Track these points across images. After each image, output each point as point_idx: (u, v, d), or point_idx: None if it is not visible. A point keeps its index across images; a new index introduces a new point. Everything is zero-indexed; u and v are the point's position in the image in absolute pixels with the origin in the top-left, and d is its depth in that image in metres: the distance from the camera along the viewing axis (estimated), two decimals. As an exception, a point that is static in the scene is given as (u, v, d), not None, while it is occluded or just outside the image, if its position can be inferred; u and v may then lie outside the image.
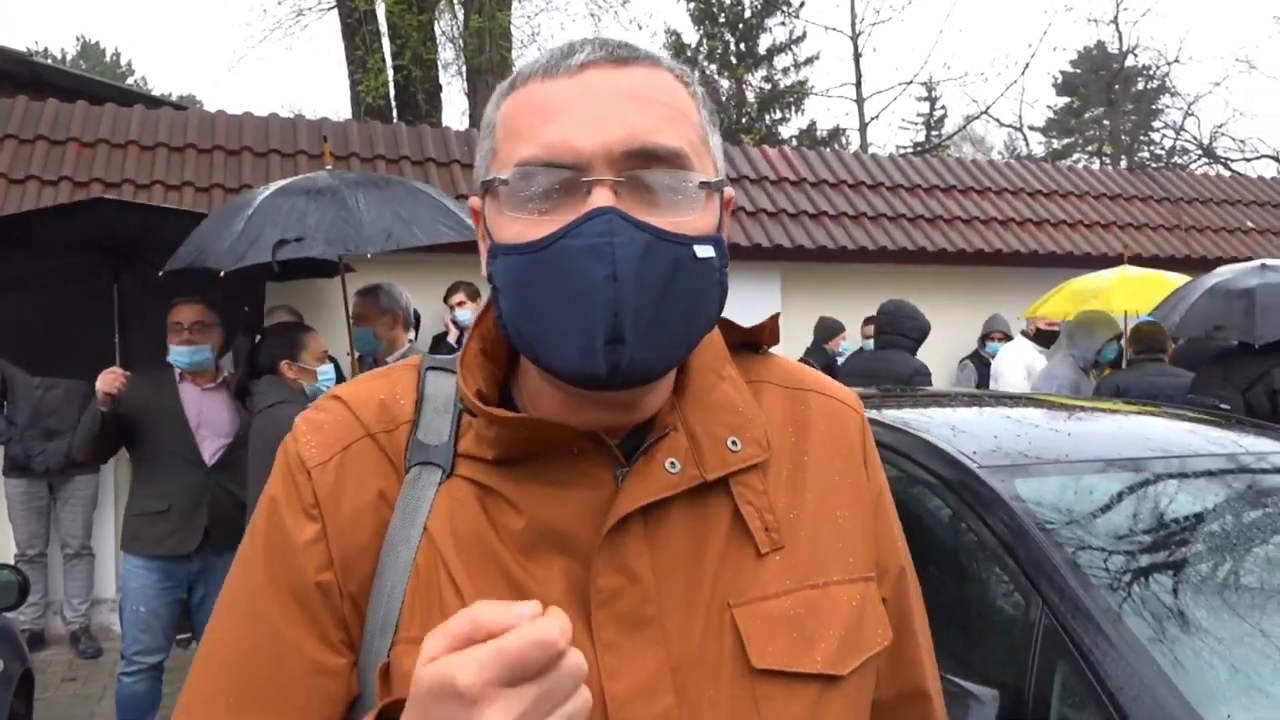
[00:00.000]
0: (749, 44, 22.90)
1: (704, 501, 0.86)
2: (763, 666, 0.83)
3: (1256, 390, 4.49)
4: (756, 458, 0.89)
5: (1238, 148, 21.05)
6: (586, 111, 0.79)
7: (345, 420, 0.89)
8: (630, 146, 0.78)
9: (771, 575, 0.86)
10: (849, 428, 0.97)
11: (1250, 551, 2.12)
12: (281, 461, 0.90)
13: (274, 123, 7.43)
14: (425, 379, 0.92)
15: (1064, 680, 1.69)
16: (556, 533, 0.83)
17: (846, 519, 0.92)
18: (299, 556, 0.85)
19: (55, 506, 5.73)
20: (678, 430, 0.87)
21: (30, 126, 6.64)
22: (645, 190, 0.79)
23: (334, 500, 0.86)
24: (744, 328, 0.99)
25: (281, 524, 0.87)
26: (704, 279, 0.82)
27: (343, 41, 12.98)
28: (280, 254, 3.74)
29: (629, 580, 0.82)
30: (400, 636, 0.82)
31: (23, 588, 3.16)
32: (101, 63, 35.70)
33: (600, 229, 0.76)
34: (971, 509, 2.05)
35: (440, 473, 0.86)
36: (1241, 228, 9.25)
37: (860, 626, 0.88)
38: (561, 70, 0.82)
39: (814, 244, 7.49)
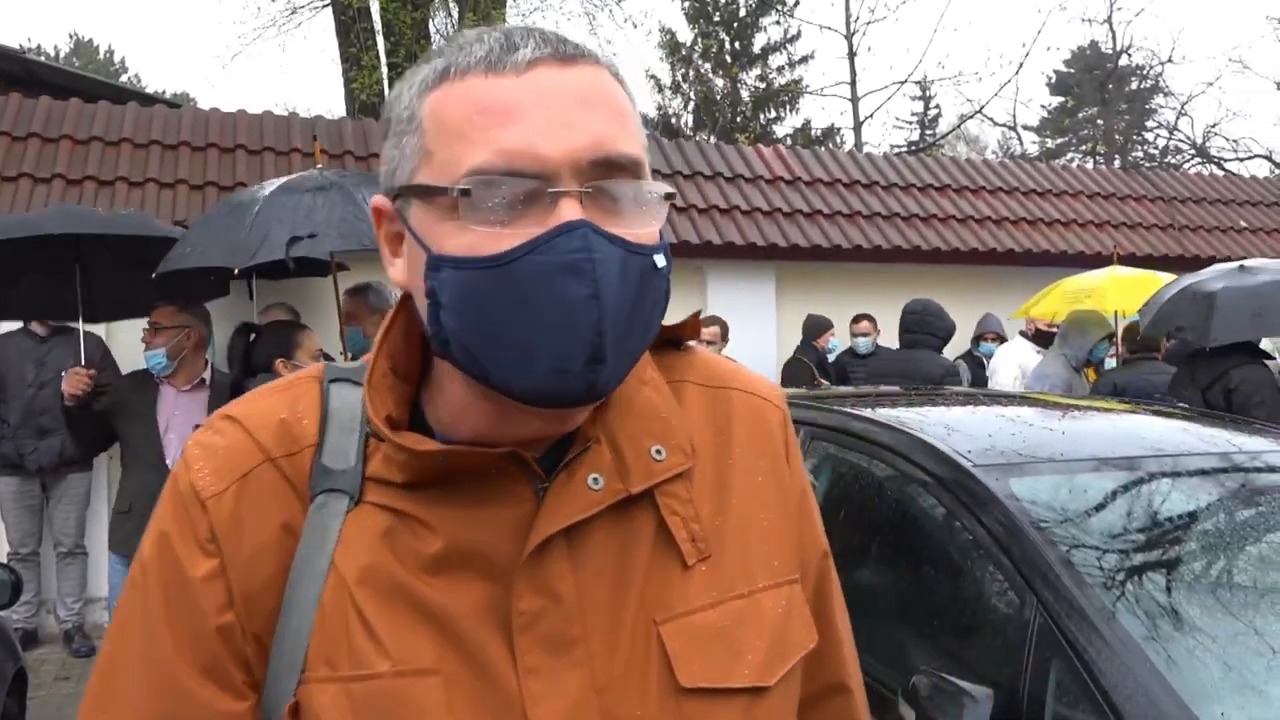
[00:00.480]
0: (744, 43, 22.90)
1: (628, 514, 0.82)
2: (690, 685, 0.80)
3: (1215, 390, 4.59)
4: (681, 466, 0.85)
5: (1231, 147, 21.14)
6: (546, 116, 0.73)
7: (242, 444, 0.82)
8: (596, 155, 0.74)
9: (698, 587, 0.83)
10: (771, 425, 0.94)
11: (1243, 550, 2.12)
12: (172, 491, 0.83)
13: (268, 121, 7.41)
14: (329, 393, 0.85)
15: (1058, 679, 1.70)
16: (475, 555, 0.78)
17: (771, 521, 0.89)
18: (196, 596, 0.79)
19: (48, 505, 5.71)
20: (600, 444, 0.82)
21: (23, 124, 6.61)
22: (610, 201, 0.75)
23: (233, 533, 0.79)
24: (667, 325, 0.93)
25: (176, 561, 0.80)
26: (660, 288, 0.78)
27: (336, 39, 12.97)
28: (294, 250, 3.74)
29: (551, 602, 0.78)
30: (308, 675, 0.77)
31: (15, 586, 3.14)
32: (94, 60, 35.58)
33: (576, 244, 0.72)
34: (966, 508, 2.05)
35: (348, 500, 0.80)
36: (1235, 227, 9.27)
37: (786, 632, 0.86)
38: (507, 67, 0.75)
39: (808, 243, 7.49)
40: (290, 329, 4.08)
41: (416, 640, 0.77)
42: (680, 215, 7.37)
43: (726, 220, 7.46)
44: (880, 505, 2.50)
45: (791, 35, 23.04)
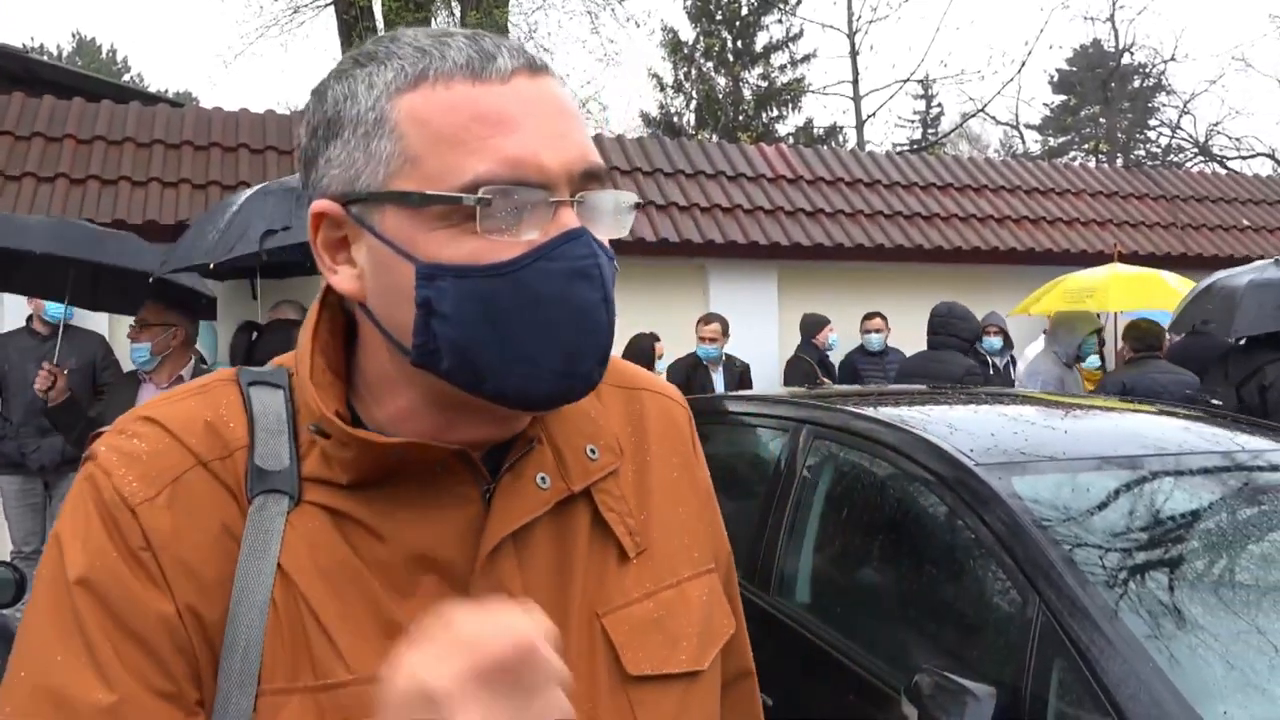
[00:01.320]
0: (746, 41, 22.89)
1: (566, 513, 0.84)
2: (637, 673, 0.82)
3: (1249, 386, 4.59)
4: (613, 465, 0.88)
5: (1233, 146, 21.11)
6: (539, 126, 0.74)
7: (169, 448, 0.77)
8: (584, 166, 0.76)
9: (632, 580, 0.85)
10: (680, 423, 0.97)
11: (1245, 549, 2.12)
12: (93, 500, 0.75)
13: (270, 119, 7.42)
14: (250, 395, 0.81)
15: (1061, 677, 1.70)
16: (424, 558, 0.77)
17: (690, 514, 0.93)
18: (138, 610, 0.73)
19: (51, 504, 5.72)
20: (543, 443, 0.83)
21: (26, 123, 6.62)
22: (591, 210, 0.77)
23: (170, 540, 0.74)
24: None
25: (111, 575, 0.73)
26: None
27: (339, 39, 12.97)
28: (268, 243, 3.79)
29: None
30: (265, 688, 0.73)
31: (19, 585, 3.13)
32: (97, 59, 35.62)
33: (583, 250, 0.74)
34: (969, 506, 2.05)
35: (288, 500, 0.77)
36: (1238, 225, 9.27)
37: (711, 619, 0.89)
38: (492, 75, 0.74)
39: (810, 241, 7.49)
40: (292, 328, 4.10)
41: (376, 646, 0.74)
42: (683, 214, 7.37)
43: (729, 219, 7.46)
44: (883, 504, 2.50)
45: (794, 34, 23.03)
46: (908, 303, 7.52)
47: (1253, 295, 4.65)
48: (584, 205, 0.77)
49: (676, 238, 7.08)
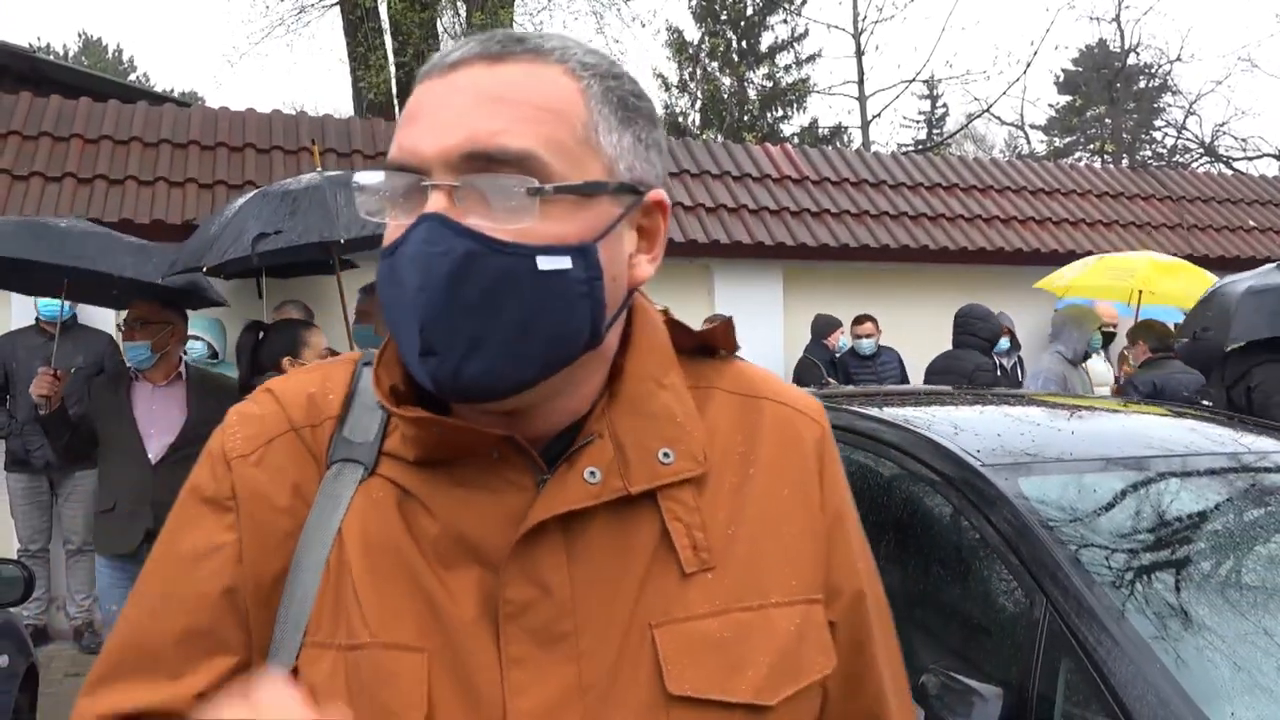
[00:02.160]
0: (751, 41, 22.88)
1: (630, 515, 0.81)
2: (678, 692, 0.78)
3: (1238, 387, 4.66)
4: (689, 472, 0.83)
5: (1239, 146, 21.05)
6: (438, 115, 0.77)
7: (273, 414, 0.87)
8: (467, 149, 0.75)
9: (699, 595, 0.81)
10: (804, 439, 0.91)
11: (1252, 550, 2.12)
12: (206, 453, 0.88)
13: (277, 120, 7.44)
14: (360, 374, 0.89)
15: (1068, 678, 1.70)
16: (470, 541, 0.79)
17: (793, 536, 0.86)
18: (211, 551, 0.84)
19: (57, 503, 5.74)
20: (603, 439, 0.82)
21: (34, 123, 6.64)
22: (479, 195, 0.75)
23: (251, 494, 0.84)
24: (696, 332, 0.93)
25: (199, 514, 0.85)
26: (554, 293, 0.76)
27: (345, 38, 12.97)
28: (260, 246, 3.80)
29: (541, 592, 0.78)
30: (308, 640, 0.80)
31: (28, 583, 3.15)
32: (103, 59, 35.68)
33: (421, 235, 0.74)
34: (975, 507, 2.05)
35: (362, 470, 0.83)
36: (1244, 226, 9.25)
37: (798, 653, 0.83)
38: (436, 71, 0.80)
39: (816, 242, 7.49)
40: (298, 328, 4.10)
41: (403, 616, 0.78)
42: (688, 214, 7.37)
43: (734, 219, 7.47)
44: (889, 505, 2.50)
45: (799, 34, 23.02)
46: (913, 303, 7.53)
47: (1248, 302, 4.70)
48: (470, 192, 0.75)
49: (682, 238, 7.08)
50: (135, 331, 3.91)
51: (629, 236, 0.83)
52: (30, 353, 5.50)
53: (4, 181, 6.17)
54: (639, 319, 0.88)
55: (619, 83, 0.82)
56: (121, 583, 3.88)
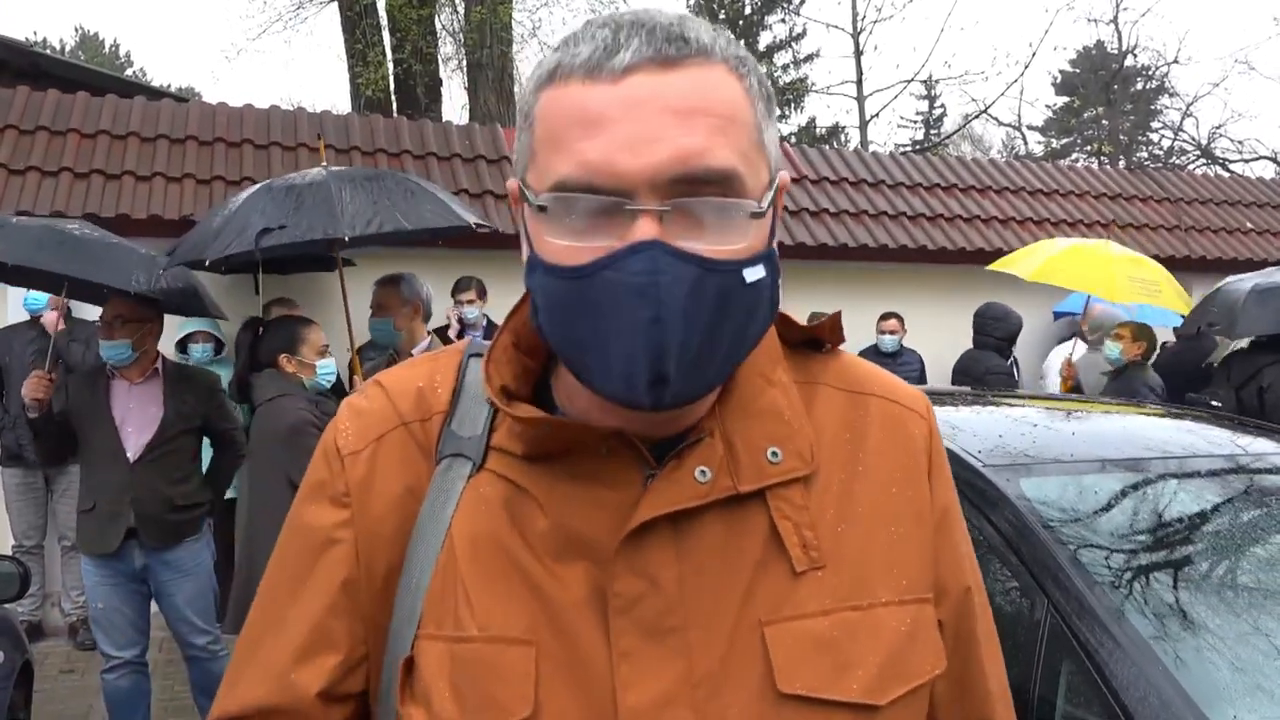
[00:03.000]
0: (749, 40, 22.89)
1: (739, 513, 0.81)
2: (789, 691, 0.77)
3: (1249, 388, 4.67)
4: (797, 471, 0.83)
5: (1236, 149, 21.09)
6: (631, 129, 0.72)
7: (383, 409, 0.88)
8: (678, 172, 0.72)
9: (809, 593, 0.81)
10: (913, 435, 0.90)
11: (1252, 551, 2.12)
12: (321, 448, 0.90)
13: (275, 115, 7.41)
14: (467, 367, 0.90)
15: (1069, 679, 1.70)
16: (579, 535, 0.79)
17: (902, 535, 0.86)
18: (329, 546, 0.86)
19: (52, 498, 5.72)
20: (714, 437, 0.82)
21: (31, 117, 6.62)
22: (693, 217, 0.74)
23: (364, 489, 0.85)
24: (803, 326, 0.92)
25: (316, 509, 0.87)
26: (755, 300, 0.77)
27: (342, 35, 12.95)
28: (263, 241, 3.78)
29: (650, 586, 0.78)
30: (422, 631, 0.81)
31: (24, 579, 3.15)
32: (100, 54, 35.58)
33: (644, 265, 0.71)
34: (976, 508, 2.05)
35: (471, 465, 0.84)
36: (1241, 229, 9.26)
37: (908, 653, 0.82)
38: (605, 73, 0.74)
39: (814, 241, 7.49)
40: (296, 324, 4.09)
41: (510, 609, 0.79)
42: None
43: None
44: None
45: (797, 34, 23.06)
46: (912, 303, 7.52)
47: (1256, 299, 4.73)
48: (681, 213, 0.73)
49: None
50: (115, 330, 3.87)
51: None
52: (25, 347, 5.48)
53: (0, 176, 6.15)
54: None
55: (761, 73, 0.81)
56: (106, 581, 3.86)
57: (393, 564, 0.84)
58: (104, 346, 3.90)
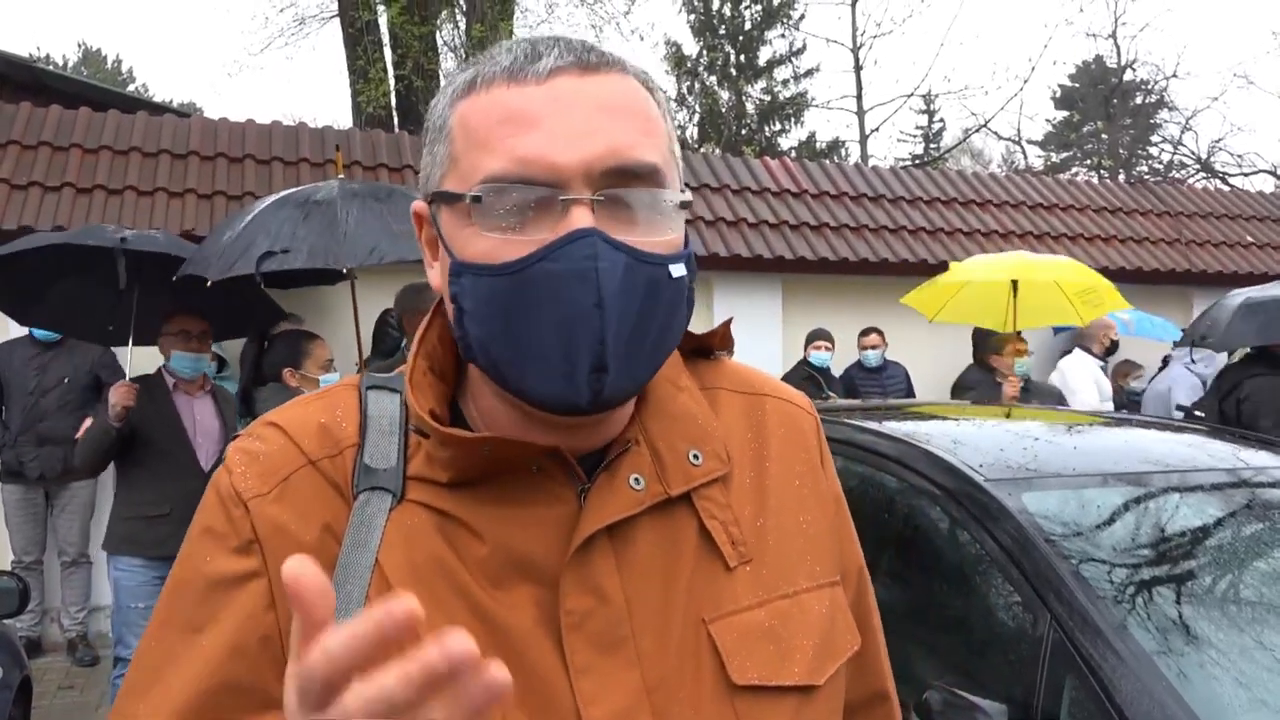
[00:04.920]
0: (749, 56, 22.97)
1: (670, 517, 0.83)
2: (743, 682, 0.80)
3: (1230, 399, 4.79)
4: (717, 471, 0.86)
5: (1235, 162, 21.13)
6: (562, 123, 0.74)
7: (283, 448, 0.83)
8: (610, 163, 0.74)
9: (743, 587, 0.83)
10: (805, 431, 0.95)
11: (1254, 565, 2.12)
12: (213, 495, 0.83)
13: (277, 130, 7.44)
14: (367, 399, 0.86)
15: (1072, 694, 1.69)
16: (521, 557, 0.79)
17: (810, 524, 0.90)
18: (239, 598, 0.79)
19: (52, 514, 5.71)
20: (640, 445, 0.84)
21: (33, 132, 6.64)
22: (624, 209, 0.76)
23: (276, 534, 0.79)
24: (696, 334, 0.95)
25: (217, 565, 0.80)
26: (677, 297, 0.79)
27: (344, 51, 13.01)
28: (265, 266, 3.79)
29: (599, 601, 0.78)
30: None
31: (23, 595, 3.14)
32: (102, 69, 35.73)
33: (584, 251, 0.72)
34: (978, 522, 2.05)
35: (391, 498, 0.80)
36: (1241, 242, 9.27)
37: (832, 633, 0.87)
38: (529, 76, 0.76)
39: (815, 255, 7.50)
40: (300, 338, 4.11)
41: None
42: (687, 227, 7.36)
43: (733, 232, 7.47)
44: (891, 519, 2.49)
45: (797, 48, 23.13)
46: (911, 317, 7.52)
47: (1243, 313, 4.86)
48: (612, 204, 0.75)
49: (681, 251, 7.08)
50: (195, 343, 4.10)
51: None
52: (24, 363, 5.49)
53: (3, 191, 6.16)
54: None
55: (666, 97, 0.85)
56: (154, 582, 4.03)
57: None
58: (184, 358, 4.10)
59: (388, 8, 12.45)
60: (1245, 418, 4.58)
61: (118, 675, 4.03)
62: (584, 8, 14.75)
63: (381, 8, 12.63)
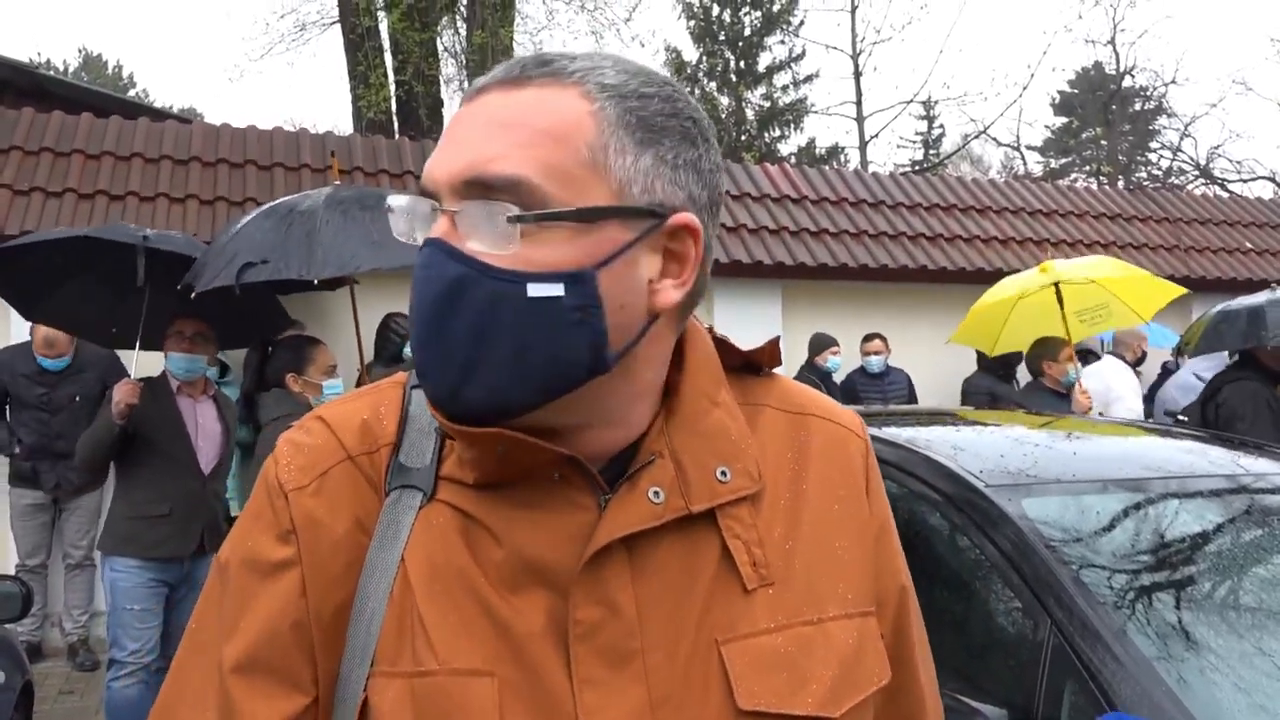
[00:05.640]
0: (749, 62, 23.01)
1: (692, 533, 0.82)
2: (749, 708, 0.78)
3: (1210, 404, 4.85)
4: (746, 489, 0.85)
5: (1234, 169, 21.19)
6: (453, 140, 0.79)
7: (326, 442, 0.86)
8: (466, 176, 0.76)
9: (762, 610, 0.82)
10: (851, 454, 0.93)
11: (1254, 571, 2.12)
12: (262, 484, 0.86)
13: (278, 136, 7.45)
14: (410, 397, 0.88)
15: (1072, 699, 1.70)
16: (536, 563, 0.79)
17: (846, 550, 0.88)
18: (273, 585, 0.82)
19: (59, 517, 5.72)
20: (664, 458, 0.83)
21: (35, 138, 6.65)
22: (471, 220, 0.77)
23: (311, 526, 0.82)
24: (742, 350, 0.94)
25: (257, 549, 0.83)
26: (545, 319, 0.75)
27: (345, 56, 13.05)
28: (244, 277, 3.81)
29: (610, 613, 0.78)
30: (376, 670, 0.79)
31: (26, 599, 3.14)
32: (104, 74, 35.78)
33: (421, 260, 0.77)
34: (979, 528, 2.06)
35: (421, 496, 0.83)
36: (1241, 249, 9.28)
37: (857, 665, 0.84)
38: (466, 96, 0.82)
39: (815, 261, 7.51)
40: (304, 344, 4.12)
41: (470, 640, 0.78)
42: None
43: (733, 238, 7.49)
44: (891, 524, 2.50)
45: (796, 55, 23.18)
46: (911, 323, 7.55)
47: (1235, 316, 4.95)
48: (466, 215, 0.77)
49: (681, 257, 7.09)
50: (195, 345, 4.11)
51: (648, 261, 0.81)
52: (30, 379, 5.49)
53: (5, 196, 6.18)
54: (689, 337, 0.89)
55: (644, 102, 0.80)
56: (150, 584, 4.06)
57: (342, 601, 0.81)
58: (180, 359, 4.10)
59: (388, 14, 12.49)
60: (1222, 421, 4.66)
61: (112, 678, 4.02)
62: (584, 14, 14.79)
63: (382, 14, 12.67)
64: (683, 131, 0.82)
